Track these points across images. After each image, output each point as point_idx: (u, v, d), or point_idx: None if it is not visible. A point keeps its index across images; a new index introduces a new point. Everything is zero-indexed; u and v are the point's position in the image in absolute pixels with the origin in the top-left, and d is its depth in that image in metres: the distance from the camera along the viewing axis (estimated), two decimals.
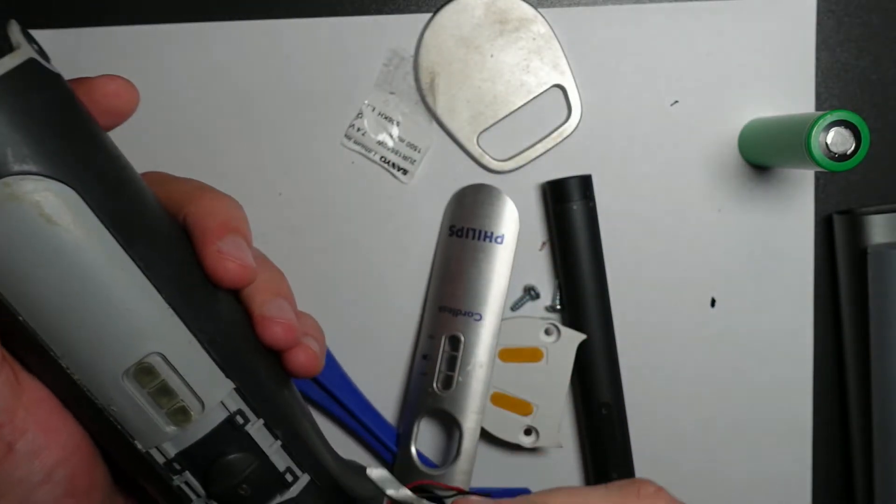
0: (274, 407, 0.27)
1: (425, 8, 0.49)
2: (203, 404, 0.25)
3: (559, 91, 0.48)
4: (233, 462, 0.26)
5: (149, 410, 0.25)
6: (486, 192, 0.48)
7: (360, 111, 0.48)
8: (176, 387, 0.25)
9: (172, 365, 0.25)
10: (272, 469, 0.27)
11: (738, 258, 0.49)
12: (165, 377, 0.25)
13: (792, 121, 0.42)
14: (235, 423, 0.26)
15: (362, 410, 0.49)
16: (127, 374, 0.24)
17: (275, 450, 0.27)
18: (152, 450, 0.26)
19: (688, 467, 0.50)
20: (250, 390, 0.26)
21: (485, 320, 0.47)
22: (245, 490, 0.27)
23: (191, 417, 0.25)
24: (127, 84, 0.26)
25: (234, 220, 0.27)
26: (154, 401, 0.25)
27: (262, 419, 0.27)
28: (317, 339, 0.29)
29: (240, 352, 0.27)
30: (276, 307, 0.27)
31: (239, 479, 0.26)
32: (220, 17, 0.49)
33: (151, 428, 0.25)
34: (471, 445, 0.47)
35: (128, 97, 0.26)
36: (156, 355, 0.24)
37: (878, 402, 0.46)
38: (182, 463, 0.26)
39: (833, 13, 0.48)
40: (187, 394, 0.25)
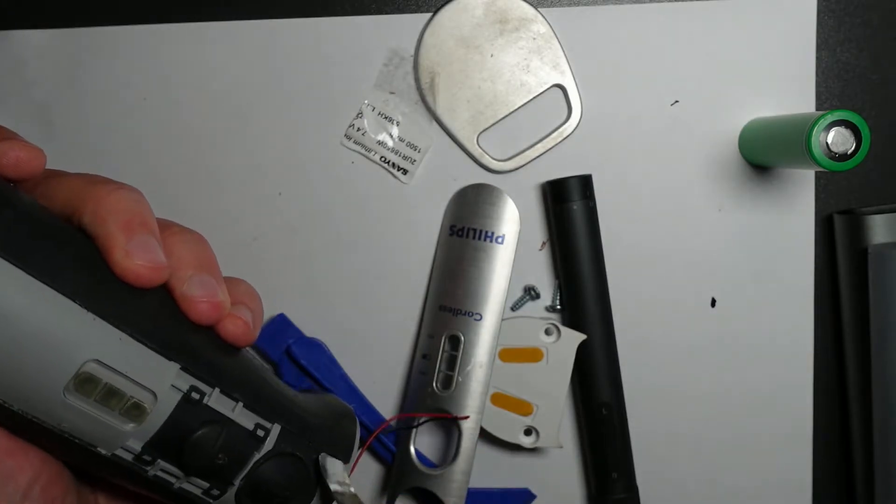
0: (225, 372, 0.27)
1: (425, 8, 0.49)
2: (154, 393, 0.25)
3: (559, 91, 0.48)
4: (202, 437, 0.26)
5: (102, 416, 0.24)
6: (486, 191, 0.48)
7: (360, 111, 0.48)
8: (122, 386, 0.24)
9: (111, 366, 0.24)
10: (241, 430, 0.27)
11: (738, 258, 0.49)
12: (108, 380, 0.24)
13: (792, 121, 0.42)
14: (192, 399, 0.26)
15: (361, 409, 0.49)
16: (68, 390, 0.24)
17: (238, 412, 0.27)
18: (117, 451, 0.25)
19: (688, 467, 0.50)
20: (197, 364, 0.26)
21: (485, 320, 0.47)
22: (222, 458, 0.27)
23: (145, 410, 0.25)
24: (29, 152, 0.25)
25: (135, 216, 0.26)
26: (104, 405, 0.24)
27: (218, 387, 0.27)
28: (248, 306, 0.29)
29: (175, 332, 0.26)
30: (197, 284, 0.27)
31: (214, 451, 0.26)
32: (219, 17, 0.49)
33: (110, 432, 0.25)
34: (470, 445, 0.47)
35: (30, 167, 0.25)
36: (91, 362, 0.24)
37: (878, 403, 0.46)
38: (151, 454, 0.26)
39: (833, 13, 0.48)
40: (135, 388, 0.25)
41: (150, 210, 0.27)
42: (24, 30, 0.48)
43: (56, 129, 0.49)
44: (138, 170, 0.49)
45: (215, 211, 0.49)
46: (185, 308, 0.26)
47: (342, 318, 0.49)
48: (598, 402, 0.47)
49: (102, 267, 0.25)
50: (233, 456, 0.27)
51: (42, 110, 0.49)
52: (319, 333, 0.49)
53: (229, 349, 0.28)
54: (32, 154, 0.25)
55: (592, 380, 0.47)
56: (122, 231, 0.25)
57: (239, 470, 0.28)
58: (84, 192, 0.26)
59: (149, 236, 0.25)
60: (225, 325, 0.27)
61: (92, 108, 0.49)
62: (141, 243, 0.25)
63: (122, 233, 0.25)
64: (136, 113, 0.49)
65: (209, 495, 0.28)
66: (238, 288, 0.29)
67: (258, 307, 0.29)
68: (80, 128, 0.49)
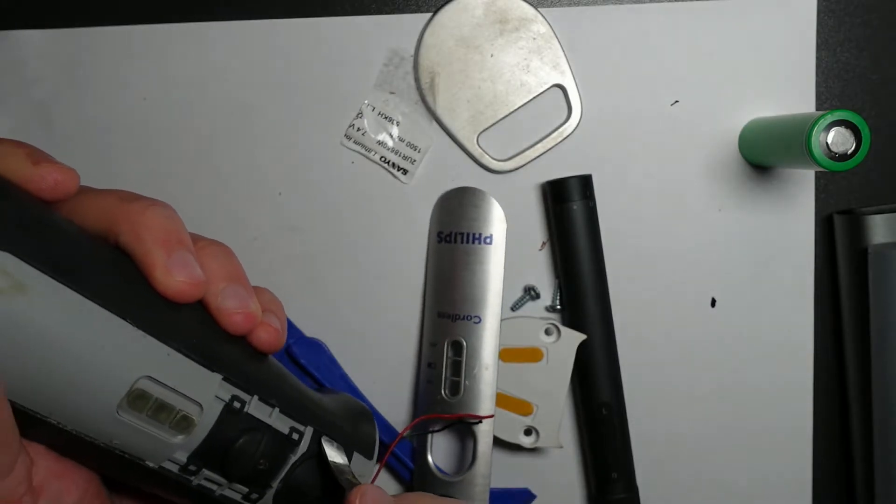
0: (261, 380, 0.28)
1: (425, 8, 0.49)
2: (201, 405, 0.26)
3: (559, 91, 0.48)
4: (245, 444, 0.27)
5: (152, 431, 0.25)
6: (469, 194, 0.48)
7: (360, 111, 0.48)
8: (171, 400, 0.25)
9: (161, 381, 0.25)
10: (278, 434, 0.28)
11: (738, 258, 0.49)
12: (159, 395, 0.25)
13: (792, 121, 0.42)
14: (234, 408, 0.27)
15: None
16: (121, 407, 0.24)
17: (275, 417, 0.28)
18: (164, 463, 0.26)
19: (688, 467, 0.50)
20: (236, 374, 0.27)
21: (484, 322, 0.47)
22: (264, 464, 0.28)
23: (194, 422, 0.26)
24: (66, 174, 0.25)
25: (171, 232, 0.26)
26: (155, 420, 0.25)
27: (256, 395, 0.27)
28: (276, 313, 0.30)
29: (214, 344, 0.27)
30: (231, 296, 0.27)
31: (256, 457, 0.27)
32: (220, 17, 0.49)
33: (159, 445, 0.25)
34: (486, 448, 0.47)
35: (66, 188, 0.25)
36: (143, 379, 0.24)
37: (878, 403, 0.46)
38: (196, 463, 0.26)
39: (833, 13, 0.48)
40: (184, 402, 0.25)
41: (183, 225, 0.27)
42: (24, 30, 0.48)
43: (56, 129, 0.49)
44: (138, 169, 0.49)
45: (216, 211, 0.49)
46: (221, 320, 0.27)
47: (342, 318, 0.49)
48: (598, 402, 0.47)
49: (144, 284, 0.25)
50: (273, 461, 0.28)
51: (42, 110, 0.49)
52: (319, 333, 0.49)
53: (260, 356, 0.29)
54: (69, 176, 0.25)
55: (592, 380, 0.47)
56: (160, 248, 0.25)
57: (277, 473, 0.29)
58: (117, 211, 0.26)
59: (186, 253, 0.26)
60: (258, 334, 0.28)
61: (92, 108, 0.49)
62: (180, 260, 0.26)
63: (162, 250, 0.25)
64: (136, 113, 0.49)
65: (248, 499, 0.28)
66: (263, 297, 0.30)
67: (283, 314, 0.30)
68: (80, 128, 0.49)
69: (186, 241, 0.27)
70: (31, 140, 0.49)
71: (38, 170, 0.25)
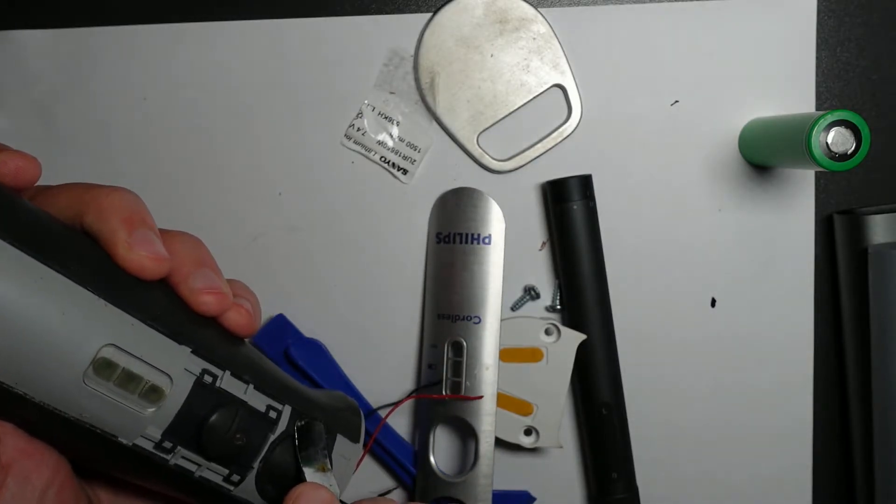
0: (233, 356, 0.28)
1: (425, 8, 0.49)
2: (170, 376, 0.26)
3: (559, 91, 0.48)
4: (219, 419, 0.27)
5: (122, 401, 0.25)
6: (467, 195, 0.48)
7: (360, 111, 0.48)
8: (138, 369, 0.25)
9: (126, 350, 0.25)
10: (254, 411, 0.28)
11: (738, 258, 0.49)
12: (125, 364, 0.25)
13: (792, 121, 0.42)
14: (205, 382, 0.27)
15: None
16: (87, 376, 0.24)
17: (250, 393, 0.28)
18: (138, 440, 0.26)
19: (688, 467, 0.50)
20: (206, 347, 0.27)
21: (484, 322, 0.47)
22: (240, 439, 0.27)
23: (163, 392, 0.26)
24: (28, 162, 0.26)
25: (134, 213, 0.27)
26: (123, 389, 0.25)
27: (228, 370, 0.27)
28: (248, 299, 0.30)
29: (182, 318, 0.27)
30: (201, 277, 0.28)
31: (231, 431, 0.27)
32: (220, 17, 0.49)
33: (130, 417, 0.25)
34: (488, 448, 0.47)
35: (28, 175, 0.26)
36: (108, 347, 0.24)
37: (878, 402, 0.46)
38: (171, 440, 0.26)
39: (833, 13, 0.48)
40: (152, 371, 0.25)
41: (147, 209, 0.28)
42: (24, 30, 0.48)
43: (56, 128, 0.49)
44: (138, 169, 0.49)
45: (216, 211, 0.49)
46: (191, 300, 0.27)
47: (342, 318, 0.49)
48: (598, 402, 0.47)
49: (108, 262, 0.26)
50: (249, 437, 0.28)
51: (42, 110, 0.49)
52: (319, 334, 0.49)
53: (233, 339, 0.29)
54: (30, 163, 0.26)
55: (592, 380, 0.47)
56: (123, 226, 0.26)
57: (256, 453, 0.28)
58: (83, 196, 0.27)
59: (149, 231, 0.27)
60: (229, 315, 0.28)
61: (92, 108, 0.49)
62: (142, 236, 0.26)
63: (124, 228, 0.26)
64: (137, 113, 0.49)
65: (230, 482, 0.28)
66: (235, 285, 0.30)
67: (256, 301, 0.31)
68: (81, 127, 0.49)
69: (150, 222, 0.27)
70: (31, 140, 0.49)
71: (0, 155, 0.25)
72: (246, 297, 0.30)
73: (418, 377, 0.49)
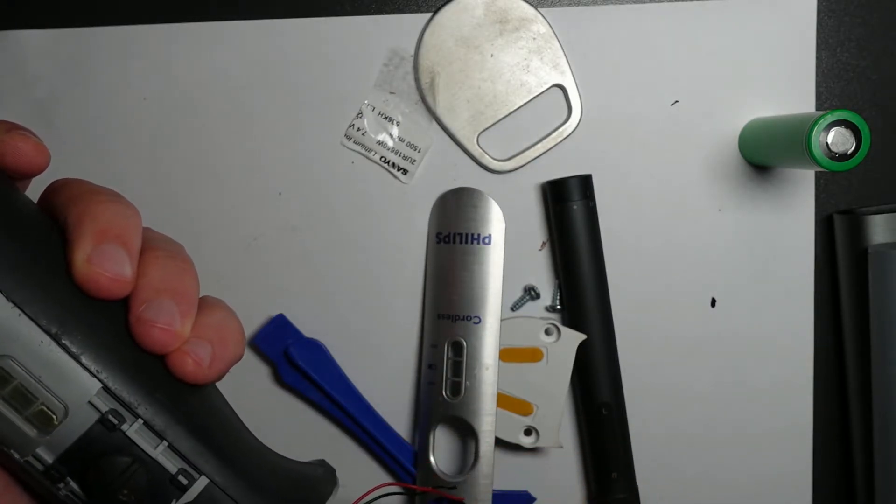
0: (157, 405, 0.25)
1: (425, 8, 0.49)
2: (66, 406, 0.24)
3: (559, 91, 0.48)
4: (106, 465, 0.24)
5: (9, 416, 0.24)
6: (467, 194, 0.48)
7: (360, 111, 0.48)
8: (33, 390, 0.24)
9: (25, 367, 0.23)
10: (161, 471, 0.25)
11: (738, 258, 0.49)
12: (20, 380, 0.23)
13: (792, 121, 0.42)
14: (109, 423, 0.25)
15: (361, 411, 0.49)
16: None
17: (162, 451, 0.25)
18: (29, 458, 0.24)
19: (688, 467, 0.50)
20: (124, 388, 0.25)
21: (484, 322, 0.47)
22: (126, 496, 0.25)
23: (53, 420, 0.24)
24: (32, 147, 0.25)
25: (113, 226, 0.25)
26: (12, 406, 0.24)
27: (142, 419, 0.25)
28: (213, 342, 0.26)
29: (109, 349, 0.25)
30: (157, 308, 0.25)
31: (116, 484, 0.24)
32: (220, 17, 0.49)
33: (17, 435, 0.24)
34: (489, 448, 0.47)
35: (31, 161, 0.25)
36: (5, 358, 0.23)
37: (878, 402, 0.46)
38: (61, 470, 0.25)
39: (833, 13, 0.48)
40: (46, 396, 0.24)
41: (134, 226, 0.26)
42: (24, 30, 0.48)
43: (56, 129, 0.49)
44: (138, 169, 0.49)
45: (215, 211, 0.49)
46: (134, 330, 0.25)
47: (342, 319, 0.49)
48: (598, 402, 0.47)
49: (58, 269, 0.24)
50: (141, 496, 0.25)
51: (42, 110, 0.49)
52: (319, 334, 0.49)
53: (183, 385, 0.26)
54: (35, 147, 0.25)
55: (592, 380, 0.47)
56: (91, 236, 0.24)
57: None
58: (79, 198, 0.25)
59: (120, 248, 0.24)
60: (174, 359, 0.25)
61: (92, 108, 0.49)
62: (106, 251, 0.24)
63: (91, 237, 0.24)
64: (136, 113, 0.49)
65: None
66: (212, 317, 0.27)
67: (226, 342, 0.27)
68: (80, 128, 0.49)
69: (127, 239, 0.25)
70: None
71: (5, 136, 0.24)
72: (210, 340, 0.26)
73: (418, 377, 0.49)
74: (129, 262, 0.25)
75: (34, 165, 0.25)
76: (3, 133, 0.25)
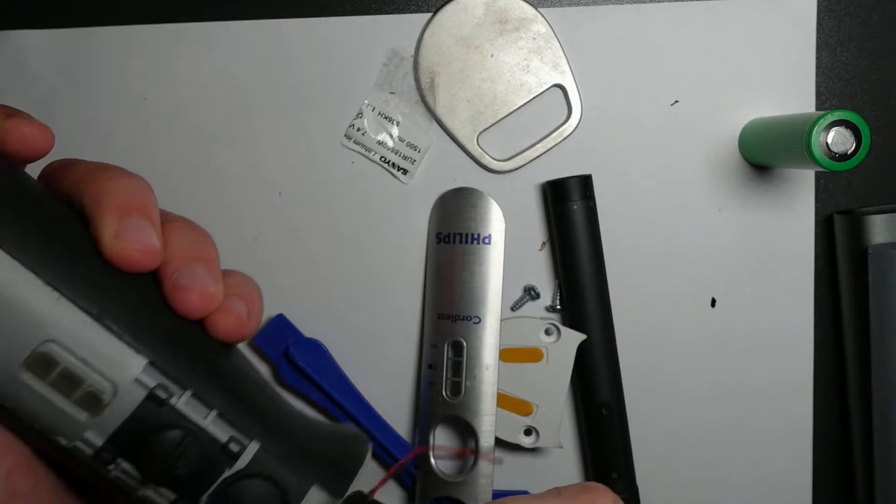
0: (205, 375, 0.25)
1: (425, 8, 0.49)
2: (115, 385, 0.24)
3: (559, 91, 0.48)
4: (160, 441, 0.24)
5: (57, 402, 0.23)
6: (467, 195, 0.48)
7: (360, 111, 0.48)
8: (80, 372, 0.23)
9: (70, 350, 0.23)
10: (212, 441, 0.25)
11: (738, 258, 0.49)
12: (66, 364, 0.23)
13: (792, 121, 0.42)
14: (158, 398, 0.24)
15: (361, 411, 0.49)
16: (22, 369, 0.23)
17: (211, 420, 0.25)
18: (77, 443, 0.24)
19: (688, 467, 0.50)
20: (169, 362, 0.25)
21: (484, 322, 0.47)
22: (181, 468, 0.25)
23: (102, 402, 0.24)
24: (36, 130, 0.25)
25: (133, 200, 0.25)
26: (59, 391, 0.23)
27: (190, 390, 0.25)
28: (244, 298, 0.27)
29: (154, 325, 0.25)
30: (188, 274, 0.25)
31: (172, 458, 0.24)
32: (220, 17, 0.49)
33: (66, 420, 0.24)
34: (489, 448, 0.47)
35: (35, 144, 0.25)
36: (49, 343, 0.23)
37: (878, 402, 0.46)
38: (111, 451, 0.24)
39: (833, 13, 0.48)
40: (94, 378, 0.24)
41: (152, 198, 0.26)
42: (24, 30, 0.48)
43: (56, 129, 0.49)
44: (138, 169, 0.48)
45: (215, 211, 0.49)
46: (172, 298, 0.25)
47: (342, 318, 0.49)
48: (598, 401, 0.47)
49: (88, 249, 0.24)
50: (196, 468, 0.25)
51: (42, 110, 0.49)
52: (319, 334, 0.49)
53: (220, 349, 0.27)
54: (41, 131, 0.25)
55: (592, 380, 0.47)
56: (115, 212, 0.24)
57: (204, 486, 0.25)
58: (89, 177, 0.25)
59: (144, 220, 0.25)
60: (216, 319, 0.26)
61: (92, 108, 0.49)
62: (132, 225, 0.24)
63: (115, 213, 0.24)
64: (136, 113, 0.49)
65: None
66: (233, 279, 0.27)
67: (255, 298, 0.28)
68: (80, 127, 0.49)
69: (148, 210, 0.25)
70: None
71: (7, 122, 0.24)
72: (242, 297, 0.27)
73: (418, 377, 0.49)
74: (155, 233, 0.25)
75: (39, 148, 0.25)
76: (5, 118, 0.24)
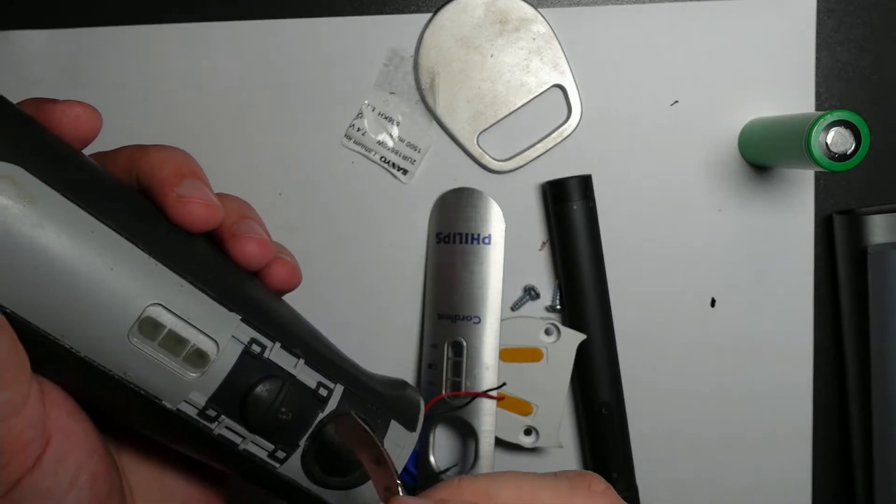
0: (284, 327, 0.27)
1: (425, 8, 0.49)
2: (216, 342, 0.25)
3: (559, 91, 0.48)
4: (264, 390, 0.26)
5: (166, 363, 0.25)
6: (466, 195, 0.48)
7: (360, 111, 0.48)
8: (184, 332, 0.25)
9: (174, 311, 0.24)
10: (304, 388, 0.27)
11: (738, 258, 0.49)
12: (171, 325, 0.24)
13: (792, 121, 0.42)
14: (253, 352, 0.26)
15: None
16: (132, 334, 0.24)
17: (300, 368, 0.27)
18: (181, 405, 0.25)
19: (687, 467, 0.50)
20: (257, 317, 0.26)
21: (484, 322, 0.47)
22: (285, 413, 0.26)
23: (208, 358, 0.25)
24: (87, 111, 0.26)
25: (185, 165, 0.27)
26: (168, 351, 0.25)
27: (278, 342, 0.27)
28: (286, 254, 0.29)
29: (232, 283, 0.27)
30: (245, 226, 0.27)
31: (276, 405, 0.26)
32: (220, 17, 0.49)
33: (174, 381, 0.25)
34: (488, 448, 0.47)
35: (89, 125, 0.26)
36: (154, 306, 0.24)
37: (878, 403, 0.46)
38: (216, 408, 0.26)
39: (833, 13, 0.48)
40: (198, 335, 0.25)
41: (198, 164, 0.27)
42: (24, 30, 0.48)
43: None
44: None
45: None
46: (234, 248, 0.27)
47: (342, 318, 0.49)
48: (598, 402, 0.47)
49: (159, 218, 0.26)
50: (296, 413, 0.27)
51: None
52: None
53: (284, 305, 0.29)
54: (90, 112, 0.26)
55: (592, 380, 0.47)
56: (171, 177, 0.26)
57: (303, 430, 0.27)
58: (136, 153, 0.27)
59: (198, 181, 0.26)
60: (274, 269, 0.28)
61: None
62: (190, 185, 0.26)
63: (172, 178, 0.26)
64: (136, 113, 0.49)
65: (275, 458, 0.27)
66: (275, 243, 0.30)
67: (292, 255, 0.30)
68: None
69: (201, 174, 0.27)
70: None
71: (59, 104, 0.26)
72: (286, 253, 0.29)
73: (418, 377, 0.49)
74: (212, 192, 0.27)
75: (92, 128, 0.26)
76: (54, 103, 0.26)
